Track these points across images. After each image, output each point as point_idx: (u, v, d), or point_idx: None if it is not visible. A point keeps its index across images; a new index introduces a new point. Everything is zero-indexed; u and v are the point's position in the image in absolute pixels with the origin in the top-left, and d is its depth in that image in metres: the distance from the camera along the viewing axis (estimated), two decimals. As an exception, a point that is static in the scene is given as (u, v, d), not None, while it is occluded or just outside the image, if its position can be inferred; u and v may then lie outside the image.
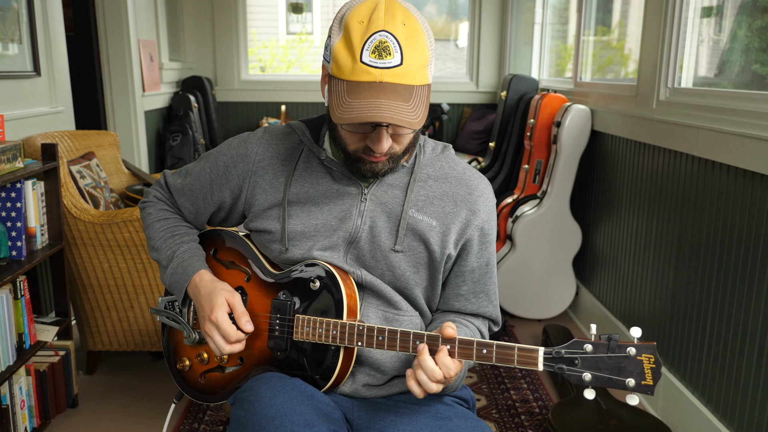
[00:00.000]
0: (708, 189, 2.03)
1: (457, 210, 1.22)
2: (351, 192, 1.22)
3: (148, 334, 2.47)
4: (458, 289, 1.28)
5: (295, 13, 5.85)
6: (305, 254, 1.21)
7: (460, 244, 1.24)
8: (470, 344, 1.05)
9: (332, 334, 1.15)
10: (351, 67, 1.03)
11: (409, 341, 1.09)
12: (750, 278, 1.80)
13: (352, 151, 1.14)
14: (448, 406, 1.23)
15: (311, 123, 1.30)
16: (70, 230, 2.33)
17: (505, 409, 2.36)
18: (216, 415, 2.27)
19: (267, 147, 1.27)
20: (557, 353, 1.00)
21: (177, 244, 1.30)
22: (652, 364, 0.96)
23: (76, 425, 2.23)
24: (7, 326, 1.93)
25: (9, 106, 2.48)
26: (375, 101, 1.02)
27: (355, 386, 1.23)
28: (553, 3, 4.19)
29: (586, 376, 0.98)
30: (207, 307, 1.20)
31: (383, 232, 1.20)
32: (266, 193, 1.25)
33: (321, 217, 1.22)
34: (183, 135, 4.36)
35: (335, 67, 1.06)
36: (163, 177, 1.40)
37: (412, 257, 1.21)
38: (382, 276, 1.22)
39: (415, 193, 1.21)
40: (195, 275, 1.25)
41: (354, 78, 1.03)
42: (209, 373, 1.30)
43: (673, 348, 2.25)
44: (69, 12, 4.33)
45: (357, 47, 1.03)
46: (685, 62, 2.37)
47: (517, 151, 3.69)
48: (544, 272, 3.16)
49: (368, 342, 1.12)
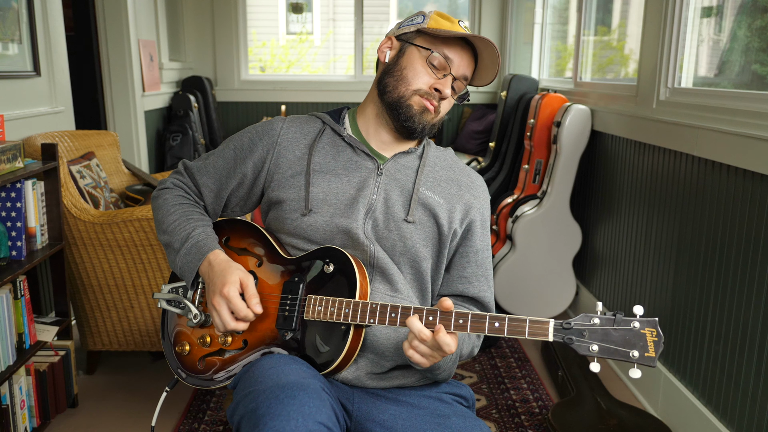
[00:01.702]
0: (708, 189, 2.03)
1: (461, 193, 1.36)
2: (368, 166, 1.33)
3: (148, 334, 2.47)
4: (462, 270, 1.36)
5: (295, 13, 5.86)
6: (327, 221, 1.27)
7: (464, 223, 1.34)
8: (483, 318, 1.09)
9: (344, 312, 1.18)
10: (450, 25, 1.30)
11: (423, 316, 1.12)
12: (750, 278, 1.80)
13: (415, 90, 1.29)
14: (447, 404, 1.25)
15: (329, 112, 1.42)
16: (70, 230, 2.33)
17: (505, 409, 2.36)
18: (216, 415, 2.28)
19: (291, 124, 1.38)
20: (567, 324, 1.05)
21: (192, 227, 1.32)
22: (654, 338, 1.02)
23: (76, 425, 2.23)
24: (7, 326, 1.93)
25: (9, 106, 2.48)
26: (478, 36, 1.27)
27: (358, 373, 1.25)
28: (553, 3, 4.19)
29: (593, 348, 1.03)
30: (219, 282, 1.22)
31: (396, 204, 1.30)
32: (289, 162, 1.34)
33: (341, 186, 1.30)
34: (183, 135, 4.36)
35: (434, 23, 1.30)
36: (181, 164, 1.44)
37: (422, 230, 1.30)
38: (394, 247, 1.29)
39: (424, 175, 1.34)
40: (210, 254, 1.28)
41: (454, 29, 1.29)
42: (208, 357, 1.30)
43: (673, 348, 2.25)
44: (69, 12, 4.33)
45: (455, 20, 1.32)
46: (685, 62, 2.37)
47: (517, 151, 3.69)
48: (544, 272, 3.16)
49: (380, 319, 1.15)
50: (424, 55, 1.29)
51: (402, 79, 1.30)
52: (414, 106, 1.29)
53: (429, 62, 1.28)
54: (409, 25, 1.33)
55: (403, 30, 1.33)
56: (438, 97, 1.29)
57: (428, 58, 1.28)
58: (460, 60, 1.29)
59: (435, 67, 1.28)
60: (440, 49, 1.28)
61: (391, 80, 1.32)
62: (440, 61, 1.28)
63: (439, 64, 1.28)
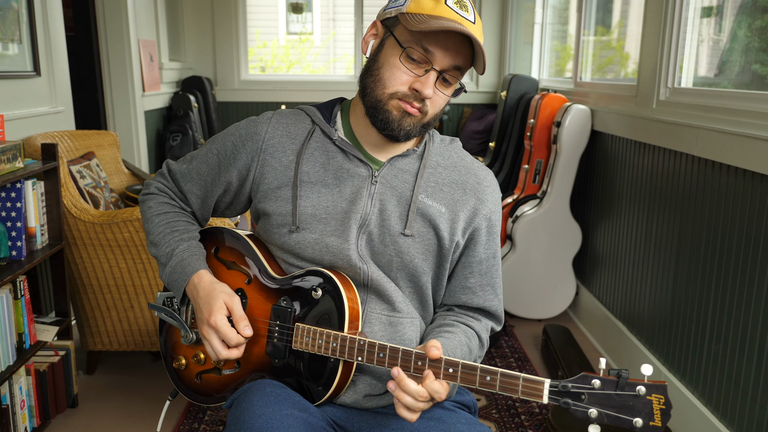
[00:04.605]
0: (708, 189, 2.03)
1: (465, 198, 1.23)
2: (361, 174, 1.20)
3: (148, 334, 2.47)
4: (465, 281, 1.26)
5: (295, 13, 5.86)
6: (317, 239, 1.18)
7: (468, 232, 1.23)
8: (474, 369, 1.01)
9: (332, 347, 1.12)
10: (434, 6, 1.10)
11: (411, 360, 1.06)
12: (750, 278, 1.80)
13: (391, 93, 1.13)
14: (450, 412, 1.22)
15: (322, 106, 1.28)
16: (70, 230, 2.33)
17: (505, 409, 2.36)
18: (216, 415, 2.27)
19: (277, 126, 1.24)
20: (563, 387, 0.96)
21: (176, 242, 1.26)
22: (661, 405, 0.92)
23: (76, 425, 2.23)
24: (7, 326, 1.93)
25: (9, 106, 2.48)
26: (459, 26, 1.08)
27: (356, 396, 1.21)
28: (553, 3, 4.19)
29: (591, 412, 0.94)
30: (205, 311, 1.17)
31: (393, 216, 1.19)
32: (276, 172, 1.22)
33: (331, 199, 1.19)
34: (183, 135, 4.36)
35: (414, 5, 1.11)
36: (165, 166, 1.35)
37: (421, 243, 1.20)
38: (390, 263, 1.19)
39: (425, 179, 1.21)
40: (194, 275, 1.22)
41: (436, 13, 1.10)
42: (205, 374, 1.28)
43: (673, 348, 2.25)
44: (69, 12, 4.34)
45: None
46: (685, 62, 2.37)
47: (517, 151, 3.69)
48: (544, 272, 3.16)
49: (368, 358, 1.09)
50: (400, 50, 1.12)
51: (378, 80, 1.14)
52: (392, 111, 1.14)
53: (407, 56, 1.11)
54: (390, 9, 1.16)
55: (386, 14, 1.17)
56: (419, 97, 1.12)
57: (405, 52, 1.11)
58: (444, 50, 1.10)
59: (415, 61, 1.11)
60: (418, 39, 1.10)
61: (369, 81, 1.17)
62: (419, 54, 1.10)
63: (419, 57, 1.10)
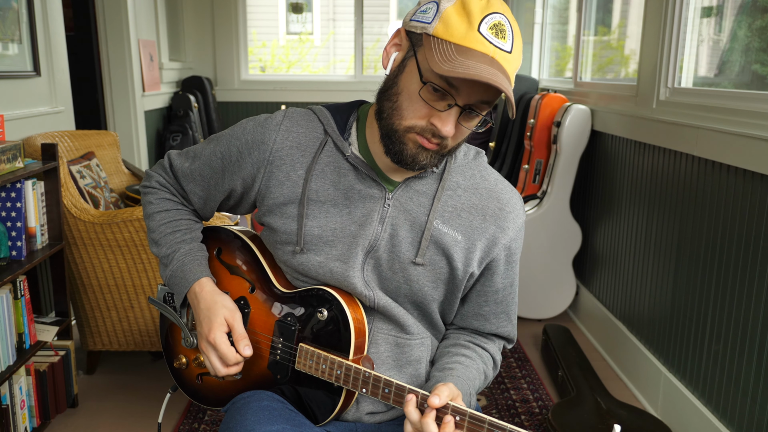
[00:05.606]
0: (708, 189, 2.03)
1: (485, 225, 1.13)
2: (374, 195, 1.12)
3: (148, 334, 2.47)
4: (479, 308, 1.21)
5: (295, 13, 5.86)
6: (322, 262, 1.12)
7: (484, 263, 1.16)
8: (482, 421, 0.96)
9: (336, 374, 1.08)
10: (465, 32, 0.97)
11: (417, 402, 1.01)
12: (750, 278, 1.80)
13: (408, 127, 1.03)
14: None
15: (337, 111, 1.18)
16: (70, 230, 2.33)
17: (505, 409, 2.36)
18: (216, 415, 2.27)
19: (287, 134, 1.15)
20: None
21: (178, 243, 1.23)
22: None
23: (76, 425, 2.23)
24: (7, 326, 1.93)
25: (9, 106, 2.48)
26: (490, 69, 0.96)
27: (359, 414, 1.17)
28: (553, 3, 4.19)
29: None
30: (205, 325, 1.14)
31: (404, 242, 1.11)
32: (283, 186, 1.14)
33: (340, 221, 1.12)
34: (183, 135, 4.36)
35: (442, 27, 0.98)
36: (167, 158, 1.28)
37: (432, 272, 1.13)
38: (398, 289, 1.14)
39: (442, 203, 1.12)
40: (195, 284, 1.18)
41: (466, 44, 0.97)
42: (206, 376, 1.27)
43: (673, 348, 2.25)
44: (69, 12, 4.33)
45: (476, 17, 0.98)
46: (685, 62, 2.37)
47: (517, 151, 3.69)
48: (544, 272, 3.16)
49: (373, 392, 1.05)
50: (421, 83, 1.00)
51: (396, 109, 1.03)
52: (408, 143, 1.04)
53: (429, 88, 0.99)
54: (417, 21, 1.02)
55: (412, 26, 1.03)
56: (438, 133, 1.01)
57: (426, 86, 0.99)
58: (470, 86, 0.98)
59: (438, 92, 0.99)
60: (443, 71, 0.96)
61: (387, 105, 1.05)
62: (442, 87, 0.98)
63: (441, 89, 0.99)
